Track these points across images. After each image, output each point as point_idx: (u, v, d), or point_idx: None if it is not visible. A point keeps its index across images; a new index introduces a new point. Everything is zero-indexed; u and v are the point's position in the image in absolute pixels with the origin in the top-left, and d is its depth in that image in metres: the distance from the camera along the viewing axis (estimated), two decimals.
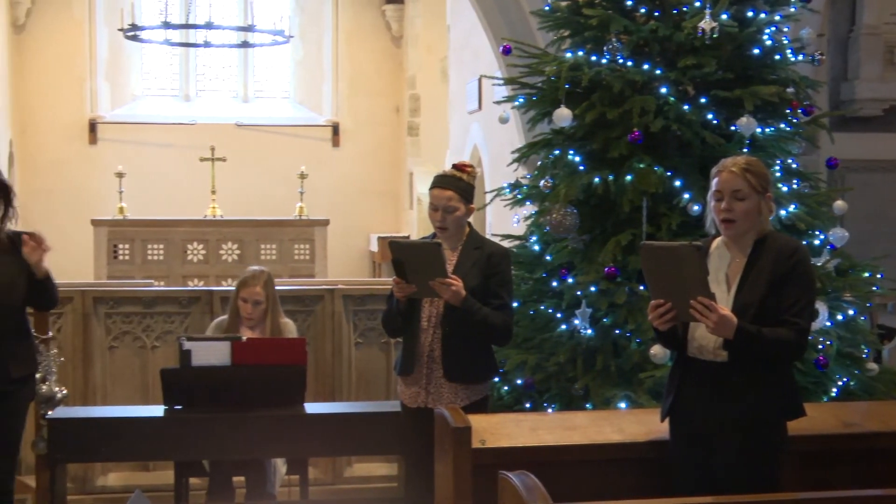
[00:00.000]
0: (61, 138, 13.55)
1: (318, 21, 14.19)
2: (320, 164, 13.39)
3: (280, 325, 5.22)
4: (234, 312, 5.21)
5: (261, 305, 5.16)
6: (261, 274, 5.23)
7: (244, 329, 5.17)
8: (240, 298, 5.18)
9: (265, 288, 5.18)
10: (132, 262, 10.62)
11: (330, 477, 6.20)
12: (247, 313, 5.15)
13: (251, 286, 5.16)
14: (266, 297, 5.17)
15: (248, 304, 5.15)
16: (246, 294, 5.15)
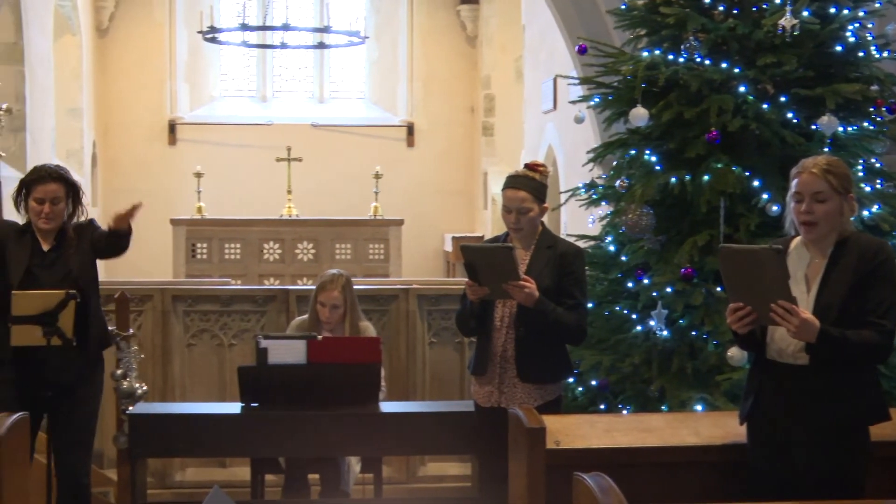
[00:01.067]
0: (142, 139, 13.79)
1: (393, 21, 14.26)
2: (395, 164, 13.44)
3: (359, 327, 5.23)
4: (314, 315, 5.24)
5: (339, 309, 5.18)
6: (339, 278, 5.24)
7: (324, 332, 5.19)
8: (318, 302, 5.20)
9: (343, 292, 5.19)
10: (210, 261, 10.76)
11: (404, 475, 6.21)
12: (325, 317, 5.18)
13: (329, 290, 5.18)
14: (344, 300, 5.19)
15: (326, 309, 5.17)
16: (324, 298, 5.18)
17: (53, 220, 4.57)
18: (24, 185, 4.62)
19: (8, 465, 3.35)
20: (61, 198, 4.58)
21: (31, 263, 4.56)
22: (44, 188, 4.55)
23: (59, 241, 4.64)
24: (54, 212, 4.57)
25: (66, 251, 4.62)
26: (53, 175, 4.60)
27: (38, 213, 4.56)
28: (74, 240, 4.65)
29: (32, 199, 4.56)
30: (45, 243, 4.63)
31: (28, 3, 10.03)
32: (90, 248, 4.68)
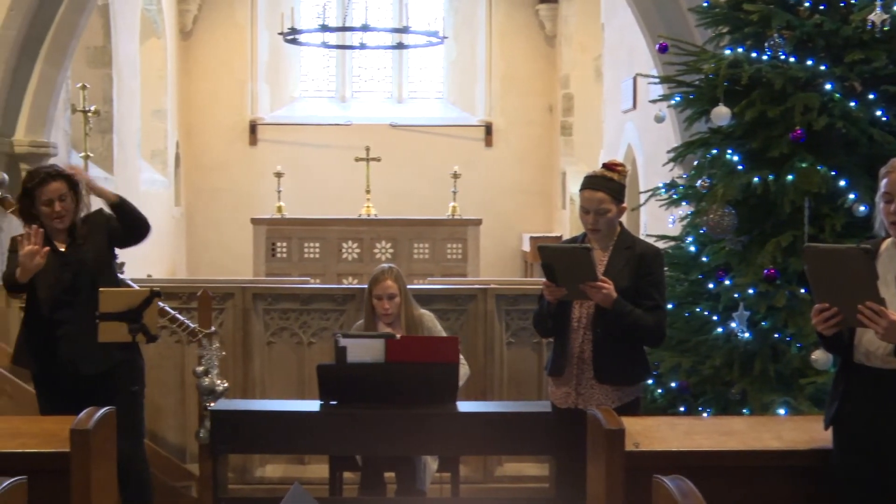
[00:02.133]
0: (224, 139, 14.00)
1: (471, 21, 14.26)
2: (473, 163, 13.45)
3: (416, 316, 5.26)
4: (370, 313, 5.25)
5: (395, 298, 5.19)
6: (389, 269, 5.29)
7: (382, 327, 5.22)
8: (374, 297, 5.22)
9: (397, 281, 5.22)
10: (289, 260, 10.88)
11: (481, 475, 6.21)
12: (384, 309, 5.19)
13: (383, 281, 5.20)
14: (399, 289, 5.22)
15: (384, 300, 5.19)
16: (379, 290, 5.20)
17: (66, 217, 4.64)
18: (27, 192, 4.65)
19: (96, 457, 3.43)
20: (66, 193, 4.64)
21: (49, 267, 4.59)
22: (47, 189, 4.61)
23: (71, 238, 4.71)
24: (65, 209, 4.64)
25: (79, 246, 4.70)
26: (52, 174, 4.65)
27: (50, 215, 4.62)
28: (85, 231, 4.72)
29: (41, 204, 4.61)
30: (61, 245, 4.70)
31: (116, 7, 10.25)
32: (107, 238, 4.74)
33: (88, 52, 9.91)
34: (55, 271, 4.60)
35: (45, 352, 4.66)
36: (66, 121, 7.63)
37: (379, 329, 5.19)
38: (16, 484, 2.77)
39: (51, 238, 4.66)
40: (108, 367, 4.68)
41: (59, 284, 4.59)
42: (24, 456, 3.43)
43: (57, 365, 4.65)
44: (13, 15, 6.02)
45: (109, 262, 4.81)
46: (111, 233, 4.75)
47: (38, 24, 6.22)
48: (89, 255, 4.69)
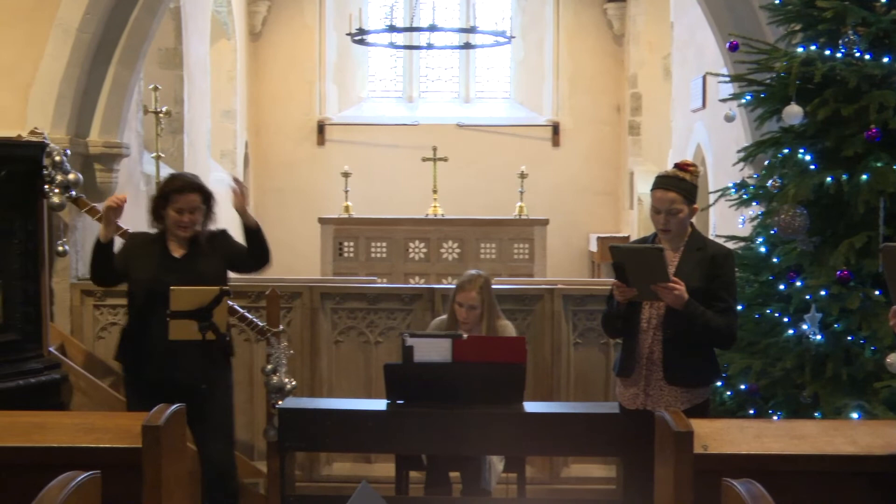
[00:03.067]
0: (292, 139, 14.13)
1: (539, 21, 14.22)
2: (540, 163, 13.41)
3: (497, 327, 5.23)
4: (452, 315, 5.27)
5: (475, 311, 5.19)
6: (477, 278, 5.26)
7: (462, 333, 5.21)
8: (456, 302, 5.23)
9: (480, 293, 5.20)
10: (356, 259, 10.94)
11: (547, 476, 6.20)
12: (461, 317, 5.20)
13: (467, 291, 5.20)
14: (481, 301, 5.19)
15: (463, 309, 5.19)
16: (461, 298, 5.20)
17: (190, 229, 4.73)
18: (164, 194, 4.77)
19: (167, 454, 3.47)
20: (199, 207, 4.74)
21: (158, 270, 4.70)
22: (184, 199, 4.71)
23: (191, 248, 4.79)
24: (192, 221, 4.72)
25: (198, 258, 4.77)
26: (193, 186, 4.76)
27: (177, 222, 4.71)
28: (206, 248, 4.79)
29: (172, 209, 4.71)
30: (178, 250, 4.78)
31: (188, 9, 10.40)
32: (225, 260, 4.82)
33: (160, 54, 10.06)
34: (159, 272, 4.69)
35: (138, 353, 4.72)
36: (138, 122, 7.75)
37: (459, 331, 5.20)
38: (90, 478, 2.82)
39: (166, 242, 4.76)
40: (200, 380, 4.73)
41: (160, 284, 4.65)
42: (98, 451, 3.48)
43: (149, 369, 4.72)
44: (88, 18, 6.13)
45: (224, 281, 4.87)
46: (233, 257, 4.83)
47: (112, 27, 6.32)
48: (208, 271, 4.76)
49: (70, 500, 2.67)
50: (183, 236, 4.76)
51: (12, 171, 5.11)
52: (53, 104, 6.12)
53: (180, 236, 4.76)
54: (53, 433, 3.70)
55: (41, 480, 2.77)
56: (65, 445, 3.53)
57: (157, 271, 4.69)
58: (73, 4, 6.09)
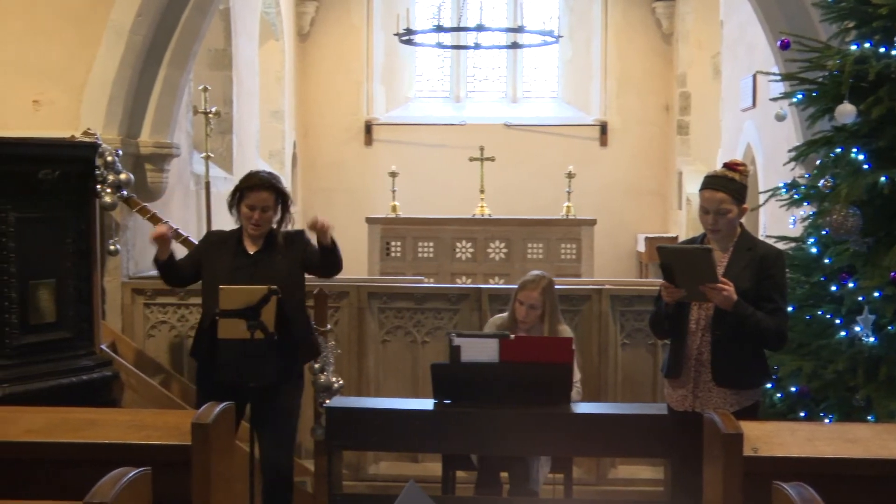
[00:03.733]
0: (339, 140, 14.19)
1: (586, 20, 14.17)
2: (588, 163, 13.36)
3: (557, 331, 5.22)
4: (512, 314, 5.27)
5: (536, 310, 5.19)
6: (541, 279, 5.25)
7: (520, 332, 5.21)
8: (517, 301, 5.23)
9: (543, 294, 5.19)
10: (403, 259, 10.96)
11: (594, 477, 6.17)
12: (521, 316, 5.20)
13: (529, 290, 5.20)
14: (543, 302, 5.18)
15: (524, 308, 5.19)
16: (523, 297, 5.20)
17: (262, 227, 4.78)
18: (239, 190, 4.84)
19: (216, 451, 3.51)
20: (271, 206, 4.78)
21: (233, 268, 4.75)
22: (256, 196, 4.76)
23: (266, 246, 4.83)
24: (263, 219, 4.76)
25: (273, 256, 4.80)
26: (265, 184, 4.79)
27: (248, 218, 4.76)
28: (282, 247, 4.83)
29: (244, 205, 4.77)
30: (252, 247, 4.83)
31: (237, 11, 10.48)
32: (300, 262, 4.85)
33: (210, 55, 10.15)
34: (234, 269, 4.73)
35: (212, 353, 4.77)
36: (188, 122, 7.83)
37: (518, 330, 5.20)
38: (141, 474, 2.86)
39: (242, 239, 4.82)
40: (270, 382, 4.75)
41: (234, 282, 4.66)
42: (149, 448, 3.53)
43: (220, 369, 4.76)
44: (140, 21, 6.20)
45: (300, 282, 4.91)
46: (308, 257, 4.87)
47: (164, 28, 6.39)
48: (283, 270, 4.79)
49: (122, 496, 2.70)
50: (254, 234, 4.80)
51: (66, 171, 5.18)
52: (106, 105, 6.20)
53: (253, 234, 4.80)
54: (105, 430, 3.75)
55: (93, 476, 2.81)
56: (116, 442, 3.58)
57: (232, 268, 4.73)
58: (125, 6, 6.17)
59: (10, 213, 4.98)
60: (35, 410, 4.11)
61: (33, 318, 5.07)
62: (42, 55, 6.21)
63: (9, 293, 4.97)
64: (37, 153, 5.18)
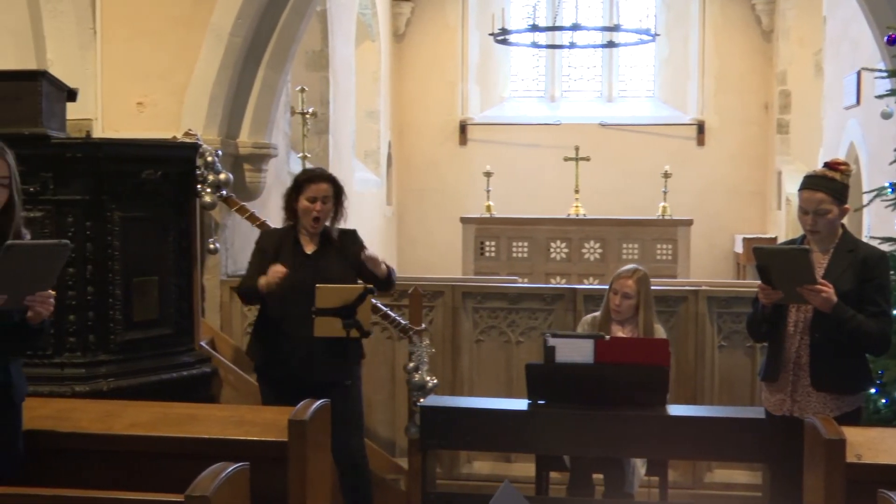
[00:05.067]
0: (434, 140, 14.24)
1: (684, 18, 13.98)
2: (684, 163, 13.18)
3: (653, 329, 5.17)
4: (606, 308, 5.24)
5: (630, 300, 5.14)
6: (636, 270, 5.24)
7: (615, 325, 5.18)
8: (612, 290, 5.20)
9: (638, 283, 5.15)
10: (497, 259, 10.96)
11: (689, 480, 6.09)
12: (615, 304, 5.16)
13: (624, 278, 5.17)
14: (637, 292, 5.14)
15: (618, 296, 5.15)
16: (617, 285, 5.17)
17: (322, 219, 4.81)
18: (297, 184, 4.88)
19: (312, 447, 3.55)
20: (330, 197, 4.83)
21: (291, 267, 4.77)
22: (316, 187, 4.81)
23: (322, 244, 4.87)
24: (324, 210, 4.81)
25: (329, 255, 4.85)
26: (324, 176, 4.87)
27: (309, 210, 4.80)
28: (338, 244, 4.87)
29: (304, 198, 4.81)
30: (310, 246, 4.87)
31: (334, 12, 10.60)
32: (355, 263, 4.87)
33: (307, 56, 10.28)
34: (294, 270, 4.77)
35: (272, 348, 4.85)
36: (285, 123, 7.94)
37: (611, 326, 5.16)
38: (240, 469, 2.91)
39: (298, 237, 4.87)
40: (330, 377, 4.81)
41: (295, 284, 4.73)
42: (247, 444, 3.58)
43: (280, 363, 4.83)
44: (240, 23, 6.31)
45: (353, 282, 4.92)
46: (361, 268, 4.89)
47: (262, 30, 6.49)
48: (339, 269, 4.84)
49: (221, 490, 2.76)
50: (313, 229, 4.84)
51: (168, 171, 5.29)
52: (206, 106, 6.32)
53: (311, 229, 4.85)
54: (205, 425, 3.82)
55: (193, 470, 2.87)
56: (215, 437, 3.64)
57: (291, 267, 4.77)
58: (225, 10, 6.29)
59: (115, 213, 5.10)
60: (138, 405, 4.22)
61: (136, 315, 5.19)
62: (146, 59, 6.36)
63: (113, 290, 5.10)
64: (140, 154, 5.30)
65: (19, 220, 3.49)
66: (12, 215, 3.46)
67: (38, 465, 3.56)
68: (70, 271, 4.92)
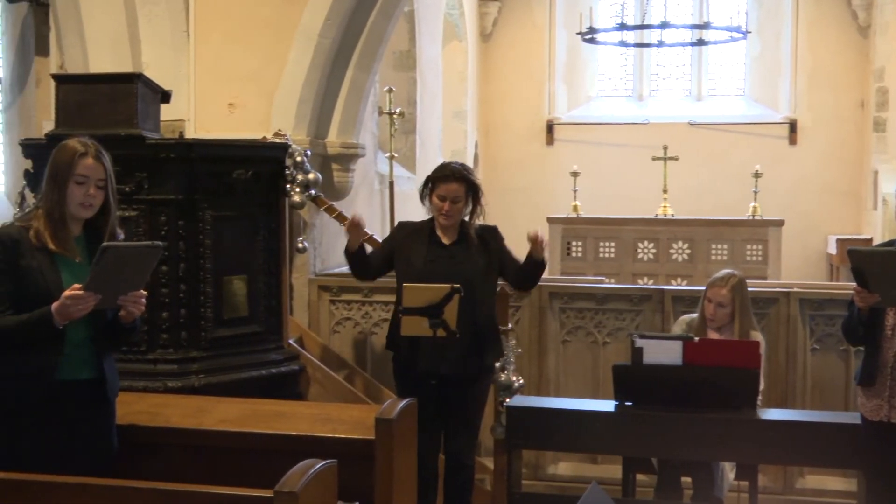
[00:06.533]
0: (521, 139, 14.20)
1: (776, 14, 13.71)
2: (775, 162, 12.93)
3: (749, 335, 5.07)
4: (701, 312, 5.17)
5: (724, 308, 5.06)
6: (730, 277, 5.12)
7: (710, 332, 5.10)
8: (706, 298, 5.12)
9: (731, 291, 5.05)
10: (584, 259, 10.89)
11: (780, 486, 5.98)
12: (709, 314, 5.09)
13: (717, 287, 5.08)
14: (731, 300, 5.05)
15: (712, 305, 5.08)
16: (711, 294, 5.09)
17: (452, 218, 4.83)
18: (430, 181, 4.91)
19: (399, 446, 3.57)
20: (461, 197, 4.84)
21: (429, 258, 4.83)
22: (446, 187, 4.83)
23: (460, 238, 4.89)
24: (453, 210, 4.82)
25: (468, 249, 4.86)
26: (456, 175, 4.86)
27: (438, 209, 4.83)
28: (475, 241, 4.87)
29: (435, 196, 4.85)
30: (447, 238, 4.90)
31: (421, 13, 10.65)
32: (497, 259, 4.87)
33: (395, 57, 10.34)
34: (430, 260, 4.82)
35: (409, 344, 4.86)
36: (373, 123, 8.00)
37: (707, 332, 5.10)
38: (328, 466, 2.93)
39: (435, 230, 4.91)
40: (467, 372, 4.83)
41: (431, 273, 4.76)
42: (335, 441, 3.62)
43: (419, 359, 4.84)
44: (328, 24, 6.37)
45: (494, 278, 4.96)
46: (504, 259, 4.93)
47: (351, 31, 6.55)
48: (478, 263, 4.86)
49: (310, 486, 2.78)
50: (444, 224, 4.87)
51: (258, 171, 5.36)
52: (295, 107, 6.40)
53: (443, 224, 4.87)
54: (293, 422, 3.87)
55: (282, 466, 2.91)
56: (303, 434, 3.69)
57: (428, 258, 4.81)
58: (315, 11, 6.36)
59: (207, 212, 5.19)
60: (228, 401, 4.29)
61: (226, 313, 5.27)
62: (237, 61, 6.47)
63: (204, 288, 5.19)
64: (231, 154, 5.39)
65: (114, 220, 3.58)
66: (108, 216, 3.55)
67: (131, 458, 3.64)
68: (163, 269, 5.02)
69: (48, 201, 3.48)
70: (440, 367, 4.70)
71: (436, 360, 4.71)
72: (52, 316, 3.32)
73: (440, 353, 4.68)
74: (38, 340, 3.39)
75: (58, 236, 3.47)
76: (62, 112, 5.16)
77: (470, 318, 4.71)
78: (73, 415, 3.49)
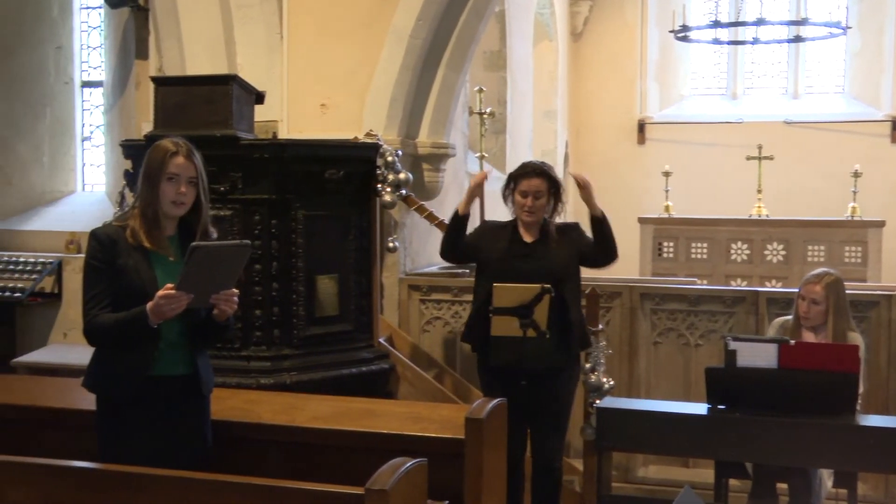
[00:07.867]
0: (611, 138, 14.08)
1: (879, 8, 13.31)
2: (876, 161, 12.57)
3: (846, 336, 4.95)
4: (796, 311, 5.07)
5: (818, 306, 4.95)
6: (825, 275, 5.03)
7: (805, 332, 5.00)
8: (799, 296, 5.03)
9: (826, 289, 4.95)
10: (676, 260, 10.75)
11: (881, 494, 5.82)
12: (802, 311, 4.99)
13: (811, 284, 4.99)
14: (825, 297, 4.94)
15: (805, 302, 4.98)
16: (805, 291, 5.00)
17: (535, 214, 4.83)
18: (512, 178, 4.92)
19: (488, 445, 3.56)
20: (543, 193, 4.83)
21: (509, 254, 4.82)
22: (528, 182, 4.83)
23: (541, 235, 4.87)
24: (536, 206, 4.82)
25: (548, 246, 4.84)
26: (538, 171, 4.87)
27: (521, 206, 4.83)
28: (556, 237, 4.86)
29: (517, 193, 4.85)
30: (528, 236, 4.89)
31: (512, 13, 10.63)
32: (576, 254, 4.85)
33: (485, 57, 10.34)
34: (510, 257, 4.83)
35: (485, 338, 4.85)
36: (464, 123, 8.00)
37: (802, 332, 5.01)
38: (418, 464, 2.94)
39: (517, 227, 4.92)
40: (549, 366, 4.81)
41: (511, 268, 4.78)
42: (425, 440, 3.63)
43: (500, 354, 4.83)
44: (420, 24, 6.39)
45: (577, 273, 4.96)
46: (583, 250, 4.92)
47: (442, 31, 6.56)
48: (559, 260, 4.85)
49: (400, 484, 2.79)
50: (527, 221, 4.86)
51: (350, 171, 5.41)
52: (387, 107, 6.44)
53: (526, 221, 4.86)
54: (383, 420, 3.90)
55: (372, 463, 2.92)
56: (394, 432, 3.71)
57: (508, 255, 4.82)
58: (406, 12, 6.39)
59: (299, 211, 5.25)
60: (320, 398, 4.33)
61: (318, 311, 5.33)
62: (329, 62, 6.53)
63: (296, 286, 5.25)
64: (323, 154, 5.44)
65: (206, 218, 3.64)
66: (200, 214, 3.61)
67: (224, 453, 3.70)
68: (256, 268, 5.10)
69: (143, 200, 3.56)
70: (523, 363, 4.68)
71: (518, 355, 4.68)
72: (146, 315, 3.38)
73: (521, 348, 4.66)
74: (134, 338, 3.46)
75: (152, 234, 3.53)
76: (160, 113, 5.27)
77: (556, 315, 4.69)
78: (169, 410, 3.56)
